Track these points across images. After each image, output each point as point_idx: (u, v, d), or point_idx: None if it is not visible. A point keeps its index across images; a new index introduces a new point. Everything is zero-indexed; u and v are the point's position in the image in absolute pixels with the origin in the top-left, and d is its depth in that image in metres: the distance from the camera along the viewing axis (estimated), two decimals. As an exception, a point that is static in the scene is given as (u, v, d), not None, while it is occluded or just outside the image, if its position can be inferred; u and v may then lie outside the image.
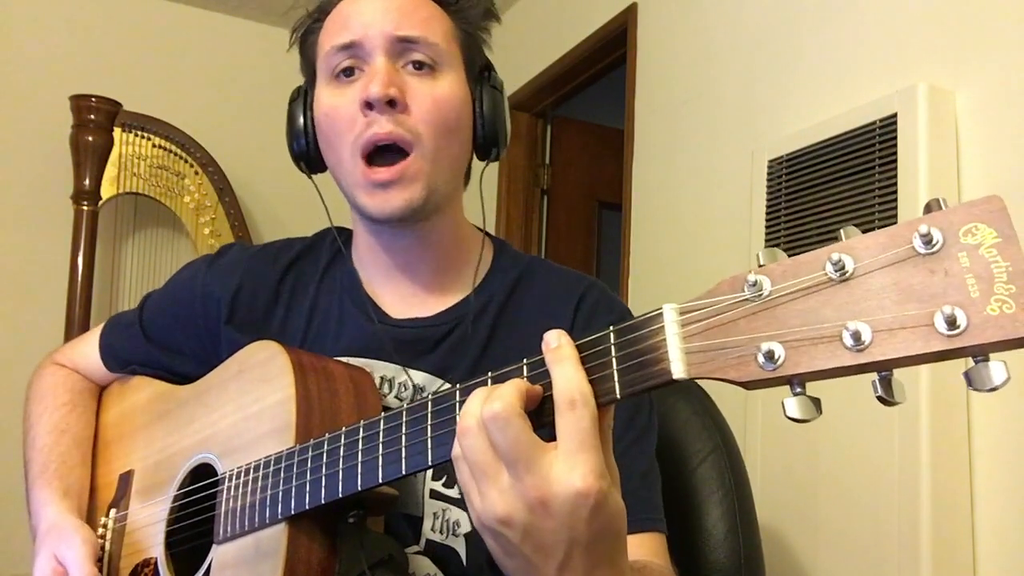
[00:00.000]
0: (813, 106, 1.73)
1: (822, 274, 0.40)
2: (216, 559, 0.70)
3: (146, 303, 0.95)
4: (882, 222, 1.44)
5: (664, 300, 0.47)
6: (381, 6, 0.76)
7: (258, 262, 0.88)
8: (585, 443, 0.46)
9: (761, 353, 0.40)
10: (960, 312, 0.35)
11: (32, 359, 3.07)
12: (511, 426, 0.47)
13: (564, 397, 0.47)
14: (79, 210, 2.61)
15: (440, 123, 0.75)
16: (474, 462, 0.48)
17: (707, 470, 0.97)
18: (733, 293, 0.42)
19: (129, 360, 0.94)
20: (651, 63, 2.36)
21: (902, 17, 1.56)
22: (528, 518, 0.47)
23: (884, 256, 0.38)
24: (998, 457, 1.31)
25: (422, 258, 0.82)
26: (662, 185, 2.27)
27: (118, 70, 2.94)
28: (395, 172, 0.73)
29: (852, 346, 0.38)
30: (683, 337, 0.44)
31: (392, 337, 0.80)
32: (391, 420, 0.59)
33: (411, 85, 0.75)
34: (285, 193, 3.22)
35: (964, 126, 1.42)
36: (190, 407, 0.82)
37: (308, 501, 0.63)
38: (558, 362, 0.48)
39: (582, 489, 0.46)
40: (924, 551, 1.28)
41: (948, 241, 0.36)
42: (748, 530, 0.96)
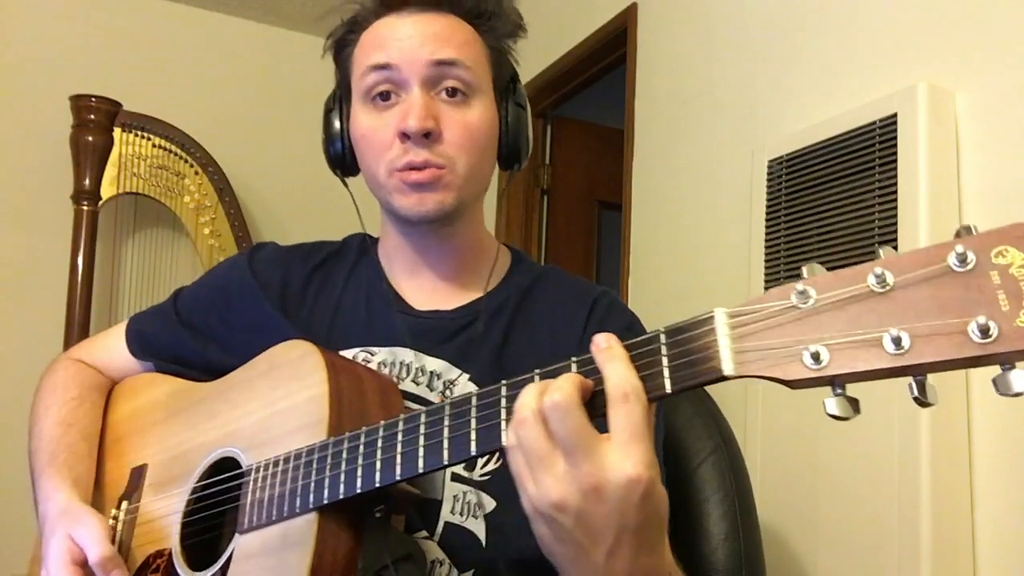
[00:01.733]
0: (813, 106, 1.73)
1: (864, 286, 0.44)
2: (238, 549, 0.71)
3: (179, 293, 0.99)
4: (882, 222, 1.44)
5: (664, 300, 0.49)
6: (418, 30, 0.80)
7: (292, 258, 0.94)
8: (637, 434, 0.49)
9: (808, 354, 0.44)
10: (992, 323, 0.39)
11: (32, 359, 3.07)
12: (571, 415, 0.50)
13: (618, 391, 0.50)
14: (79, 210, 2.61)
15: (471, 147, 0.81)
16: (530, 450, 0.51)
17: (708, 470, 0.97)
18: (781, 300, 0.46)
19: (157, 346, 0.97)
20: (651, 63, 2.36)
21: (902, 17, 1.56)
22: (582, 503, 0.50)
23: (922, 272, 0.42)
24: (998, 457, 1.31)
25: (444, 257, 0.88)
26: (662, 185, 2.27)
27: (118, 70, 2.94)
28: (430, 175, 0.79)
29: (893, 350, 0.42)
30: (733, 338, 0.47)
31: (413, 326, 0.85)
32: (432, 414, 0.61)
33: (445, 113, 0.80)
34: (285, 193, 3.23)
35: (964, 126, 1.42)
36: (212, 403, 0.84)
37: (343, 490, 0.64)
38: (610, 360, 0.51)
39: (634, 476, 0.49)
40: (924, 551, 1.28)
41: (980, 261, 0.40)
42: (749, 531, 0.95)
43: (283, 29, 3.32)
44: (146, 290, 2.90)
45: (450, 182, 0.80)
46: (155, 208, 2.83)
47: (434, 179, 0.79)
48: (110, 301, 2.84)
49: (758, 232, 1.75)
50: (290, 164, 3.23)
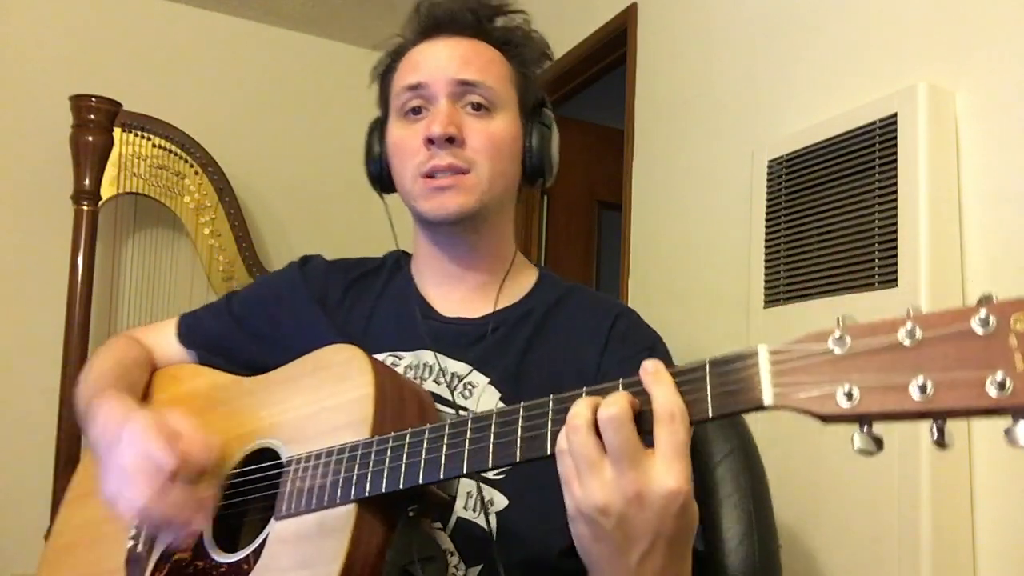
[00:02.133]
0: (813, 106, 1.73)
1: (895, 337, 0.48)
2: (273, 534, 0.75)
3: (233, 294, 1.07)
4: (882, 222, 1.44)
5: (664, 300, 0.51)
6: (447, 52, 0.89)
7: (335, 270, 1.02)
8: (680, 452, 0.54)
9: (842, 393, 0.49)
10: (1008, 379, 0.45)
11: (32, 359, 3.06)
12: (624, 427, 0.55)
13: (665, 411, 0.55)
14: (79, 210, 2.61)
15: (493, 154, 0.88)
16: (580, 455, 0.56)
17: (723, 473, 0.97)
18: (819, 343, 0.51)
19: (205, 337, 1.03)
20: (651, 63, 2.36)
21: (902, 17, 1.56)
22: (624, 508, 0.55)
23: (948, 330, 0.47)
24: (998, 457, 1.31)
25: (473, 266, 0.94)
26: (662, 185, 2.27)
27: (118, 70, 2.94)
28: (453, 179, 0.86)
29: (918, 396, 0.47)
30: (774, 373, 0.52)
31: (438, 331, 0.91)
32: (479, 420, 0.65)
33: (468, 123, 0.87)
34: (285, 193, 3.23)
35: (964, 126, 1.42)
36: (257, 397, 0.88)
37: (385, 486, 0.68)
38: (657, 383, 0.56)
39: (675, 489, 0.54)
40: (924, 551, 1.28)
41: (1000, 325, 0.46)
42: (764, 535, 0.95)
43: (283, 29, 3.32)
44: (146, 290, 2.90)
45: (472, 185, 0.86)
46: (155, 208, 2.83)
47: (456, 182, 0.86)
48: (110, 301, 2.84)
49: (758, 232, 1.75)
50: (290, 164, 3.24)
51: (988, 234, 1.37)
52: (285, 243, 3.20)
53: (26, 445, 2.65)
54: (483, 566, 0.78)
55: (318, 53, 3.35)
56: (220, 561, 0.77)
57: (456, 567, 0.77)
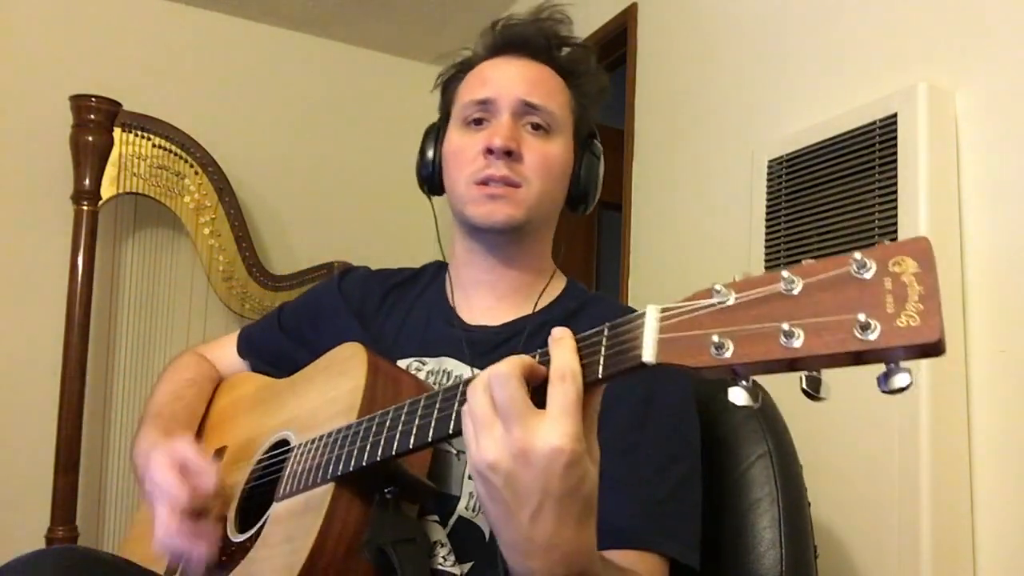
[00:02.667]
0: (813, 106, 1.73)
1: (775, 287, 0.47)
2: (272, 514, 0.82)
3: (284, 306, 1.16)
4: (882, 222, 1.44)
5: (664, 300, 0.52)
6: (517, 73, 0.94)
7: (374, 280, 1.09)
8: (568, 411, 0.54)
9: (713, 344, 0.48)
10: (875, 321, 0.43)
11: (32, 359, 3.06)
12: (508, 385, 0.56)
13: (557, 372, 0.55)
14: (79, 210, 2.60)
15: (545, 173, 0.93)
16: (475, 414, 0.57)
17: (755, 475, 0.94)
18: (705, 299, 0.50)
19: (258, 346, 1.14)
20: (651, 63, 2.36)
21: (902, 17, 1.56)
22: (511, 465, 0.55)
23: (826, 276, 0.46)
24: (998, 457, 1.31)
25: (504, 276, 0.98)
26: (662, 185, 2.27)
27: (118, 70, 2.94)
28: (504, 190, 0.90)
29: (785, 343, 0.45)
30: (658, 330, 0.52)
31: (462, 338, 0.95)
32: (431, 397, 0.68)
33: (527, 141, 0.92)
34: (285, 193, 3.22)
35: (964, 126, 1.42)
36: (284, 394, 0.98)
37: (353, 464, 0.72)
38: (557, 346, 0.57)
39: (558, 446, 0.54)
40: (924, 551, 1.28)
41: (879, 269, 0.44)
42: (796, 540, 0.91)
43: (283, 29, 3.32)
44: (146, 290, 2.90)
45: (523, 199, 0.91)
46: (155, 208, 2.83)
47: (507, 194, 0.90)
48: (110, 301, 2.84)
49: (758, 232, 1.75)
50: (290, 164, 3.23)
51: (988, 234, 1.37)
52: (285, 243, 3.20)
53: (26, 445, 2.65)
54: (474, 564, 0.81)
55: (318, 53, 3.35)
56: (234, 540, 0.86)
57: (446, 558, 0.81)
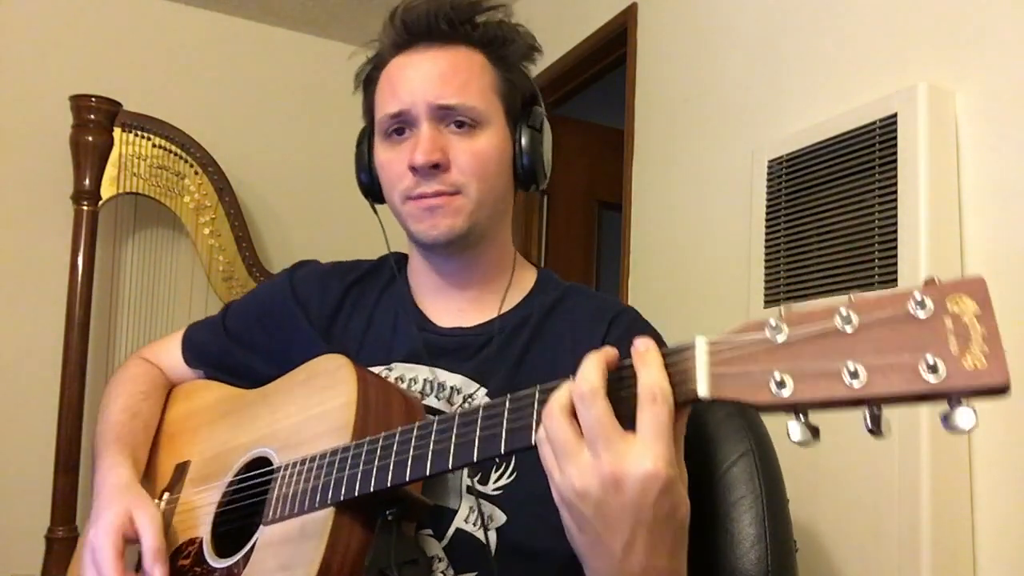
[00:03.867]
0: (813, 106, 1.73)
1: (831, 324, 0.47)
2: (262, 538, 0.77)
3: (228, 308, 1.07)
4: (882, 222, 1.44)
5: (664, 300, 0.51)
6: (424, 74, 0.85)
7: (329, 277, 1.00)
8: (661, 434, 0.52)
9: (774, 381, 0.48)
10: (941, 362, 0.43)
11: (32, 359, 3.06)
12: (596, 405, 0.53)
13: (647, 392, 0.52)
14: (79, 210, 2.60)
15: (480, 173, 0.85)
16: (556, 440, 0.54)
17: (737, 473, 0.94)
18: (756, 332, 0.50)
19: (207, 355, 1.05)
20: (651, 63, 2.36)
21: (902, 17, 1.56)
22: (601, 493, 0.52)
23: (884, 314, 0.46)
24: (998, 457, 1.31)
25: (468, 278, 0.92)
26: (662, 185, 2.27)
27: (118, 70, 2.94)
28: (441, 200, 0.84)
29: (850, 382, 0.45)
30: (711, 364, 0.51)
31: (436, 344, 0.89)
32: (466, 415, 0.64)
33: (453, 143, 0.84)
34: (285, 193, 3.23)
35: (964, 126, 1.42)
36: (255, 408, 0.90)
37: (358, 489, 0.69)
38: (644, 364, 0.54)
39: (652, 472, 0.51)
40: (924, 551, 1.28)
41: (937, 308, 0.44)
42: (779, 537, 0.92)
43: (283, 29, 3.32)
44: (146, 290, 2.90)
45: (461, 207, 0.84)
46: (155, 208, 2.83)
47: (445, 203, 0.84)
48: (110, 301, 2.84)
49: (758, 232, 1.75)
50: (290, 164, 3.24)
51: (988, 234, 1.37)
52: (285, 243, 3.20)
53: (26, 445, 2.65)
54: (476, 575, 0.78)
55: (318, 53, 3.35)
56: (215, 566, 0.80)
57: (444, 573, 0.77)
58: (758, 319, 0.50)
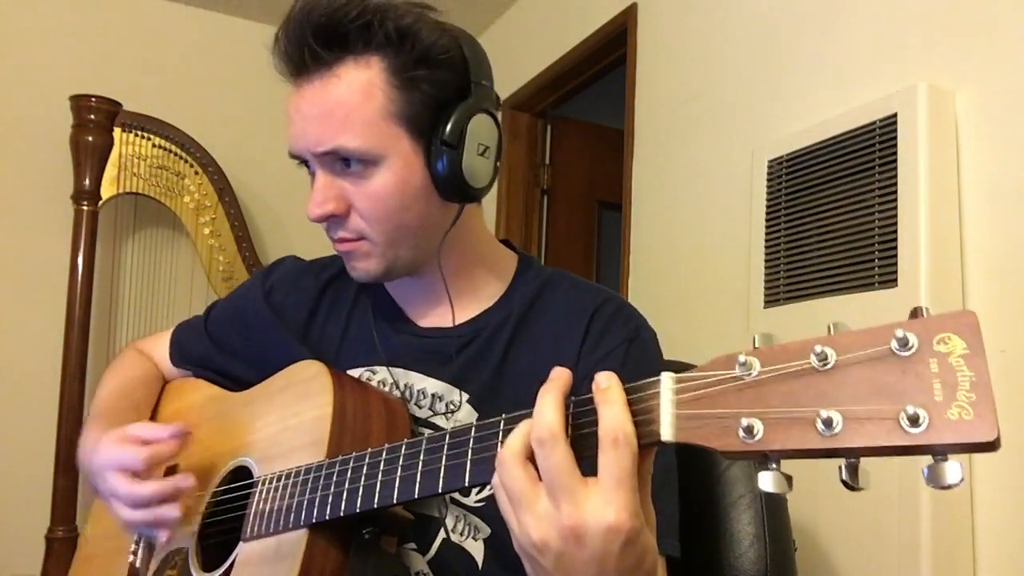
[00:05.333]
0: (813, 106, 1.73)
1: (806, 362, 0.42)
2: (240, 555, 0.76)
3: (211, 309, 1.04)
4: (882, 222, 1.44)
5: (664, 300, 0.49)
6: (303, 115, 0.77)
7: (305, 275, 0.96)
8: (623, 481, 0.48)
9: (742, 428, 0.43)
10: (923, 412, 0.38)
11: (32, 359, 3.06)
12: (555, 452, 0.49)
13: (608, 435, 0.48)
14: (79, 210, 2.60)
15: (380, 216, 0.77)
16: (511, 489, 0.51)
17: (736, 473, 0.94)
18: (725, 370, 0.45)
19: (191, 357, 1.03)
20: (651, 63, 2.36)
21: (902, 17, 1.56)
22: (561, 546, 0.49)
23: (864, 353, 0.41)
24: (998, 458, 1.31)
25: (435, 291, 0.86)
26: (662, 185, 2.27)
27: (118, 70, 2.94)
28: (349, 247, 0.79)
29: (823, 431, 0.41)
30: (675, 404, 0.47)
31: (416, 347, 0.86)
32: (433, 441, 0.62)
33: (349, 188, 0.77)
34: (285, 193, 3.22)
35: (964, 126, 1.42)
36: (238, 413, 0.89)
37: (329, 512, 0.67)
38: (606, 403, 0.50)
39: (615, 524, 0.48)
40: (924, 551, 1.28)
41: (922, 347, 0.39)
42: (777, 537, 0.91)
43: (283, 29, 3.32)
44: (146, 290, 2.90)
45: (368, 251, 0.79)
46: (155, 208, 2.83)
47: (353, 249, 0.79)
48: (110, 301, 2.84)
49: (758, 232, 1.75)
50: (290, 164, 3.21)
51: (988, 234, 1.37)
52: (285, 243, 3.20)
53: (26, 445, 2.65)
54: None
55: (318, 53, 3.35)
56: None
57: None
58: (728, 354, 0.46)
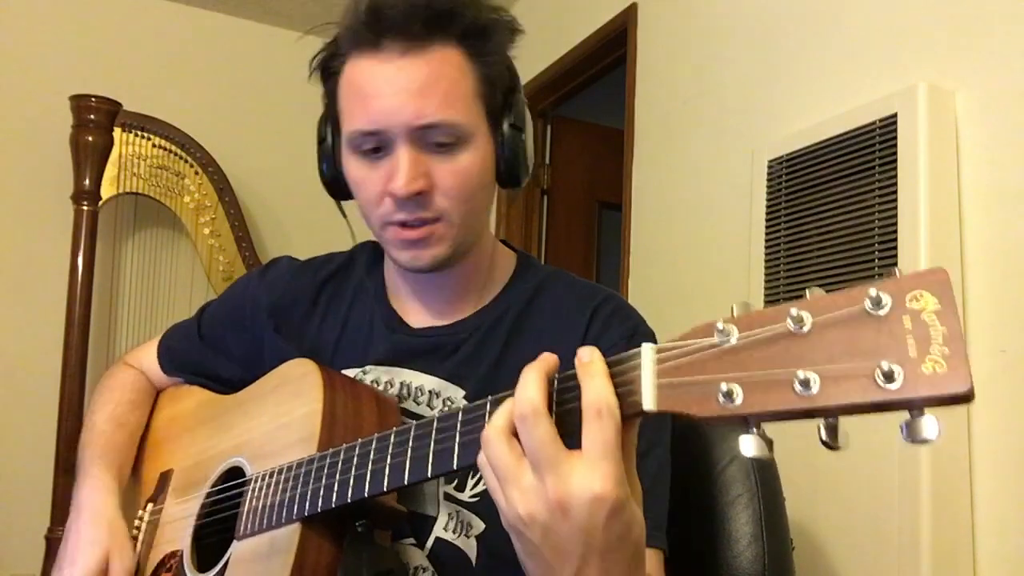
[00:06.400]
0: (813, 106, 1.73)
1: (783, 326, 0.43)
2: (234, 554, 0.76)
3: (204, 311, 1.03)
4: (882, 222, 1.44)
5: (664, 300, 0.49)
6: (400, 87, 0.73)
7: (301, 274, 0.95)
8: (608, 452, 0.48)
9: (721, 392, 0.44)
10: (897, 368, 0.39)
11: (32, 359, 3.06)
12: (537, 427, 0.49)
13: (592, 407, 0.49)
14: (79, 210, 2.60)
15: (464, 195, 0.77)
16: (497, 466, 0.51)
17: (733, 473, 0.94)
18: (704, 337, 0.46)
19: (182, 361, 1.02)
20: (651, 63, 2.36)
21: (902, 17, 1.56)
22: (548, 518, 0.49)
23: (838, 314, 0.42)
24: (998, 457, 1.31)
25: (446, 283, 0.86)
26: (662, 185, 2.27)
27: (118, 70, 2.94)
28: (424, 232, 0.77)
29: (801, 391, 0.41)
30: (655, 374, 0.48)
31: (412, 345, 0.85)
32: (421, 427, 0.62)
33: (435, 165, 0.75)
34: (285, 193, 3.22)
35: (964, 126, 1.42)
36: (231, 415, 0.89)
37: (321, 504, 0.67)
38: (588, 375, 0.50)
39: (600, 494, 0.48)
40: (924, 551, 1.28)
41: (895, 305, 0.40)
42: (775, 536, 0.91)
43: (283, 29, 3.32)
44: (146, 290, 2.90)
45: (444, 234, 0.78)
46: (155, 208, 2.83)
47: (428, 234, 0.77)
48: (110, 301, 2.84)
49: (758, 232, 1.75)
50: (290, 164, 3.23)
51: (988, 234, 1.37)
52: (285, 243, 3.20)
53: (26, 446, 2.65)
54: None
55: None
56: None
57: None
58: (707, 322, 0.46)
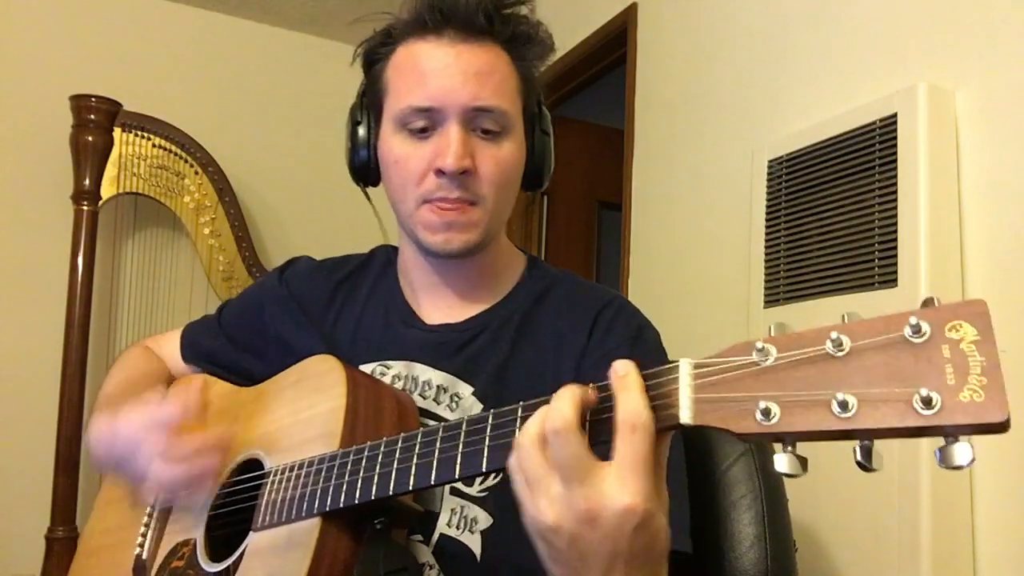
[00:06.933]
0: (813, 106, 1.73)
1: (822, 348, 0.44)
2: (251, 545, 0.76)
3: (225, 307, 1.06)
4: (882, 222, 1.44)
5: (664, 300, 0.50)
6: (459, 69, 0.78)
7: (318, 273, 0.98)
8: (638, 466, 0.49)
9: (759, 410, 0.45)
10: (936, 395, 0.40)
11: (32, 359, 3.06)
12: (569, 442, 0.50)
13: (626, 421, 0.50)
14: (79, 210, 2.61)
15: (502, 183, 0.82)
16: (527, 470, 0.53)
17: (737, 473, 0.94)
18: (743, 355, 0.47)
19: (203, 353, 1.04)
20: (651, 63, 2.36)
21: (902, 17, 1.56)
22: (575, 528, 0.50)
23: (878, 339, 0.43)
24: (998, 457, 1.31)
25: (460, 276, 0.89)
26: (662, 185, 2.27)
27: (118, 70, 2.94)
28: (460, 214, 0.80)
29: (839, 413, 0.43)
30: (695, 388, 0.49)
31: (423, 341, 0.87)
32: (449, 429, 0.63)
33: (480, 150, 0.80)
34: (285, 193, 3.23)
35: (964, 126, 1.42)
36: (249, 407, 0.89)
37: (344, 500, 0.68)
38: (624, 388, 0.51)
39: (630, 506, 0.49)
40: (924, 551, 1.28)
41: (935, 333, 0.41)
42: (778, 537, 0.92)
43: (283, 29, 3.32)
44: (146, 290, 2.90)
45: (479, 220, 0.81)
46: (155, 208, 2.83)
47: (464, 217, 0.80)
48: (110, 301, 2.84)
49: (758, 232, 1.75)
50: (290, 164, 3.24)
51: (988, 234, 1.37)
52: (285, 243, 3.20)
53: (26, 445, 2.65)
54: None
55: (318, 53, 3.35)
56: (207, 570, 0.79)
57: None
58: (745, 341, 0.48)
